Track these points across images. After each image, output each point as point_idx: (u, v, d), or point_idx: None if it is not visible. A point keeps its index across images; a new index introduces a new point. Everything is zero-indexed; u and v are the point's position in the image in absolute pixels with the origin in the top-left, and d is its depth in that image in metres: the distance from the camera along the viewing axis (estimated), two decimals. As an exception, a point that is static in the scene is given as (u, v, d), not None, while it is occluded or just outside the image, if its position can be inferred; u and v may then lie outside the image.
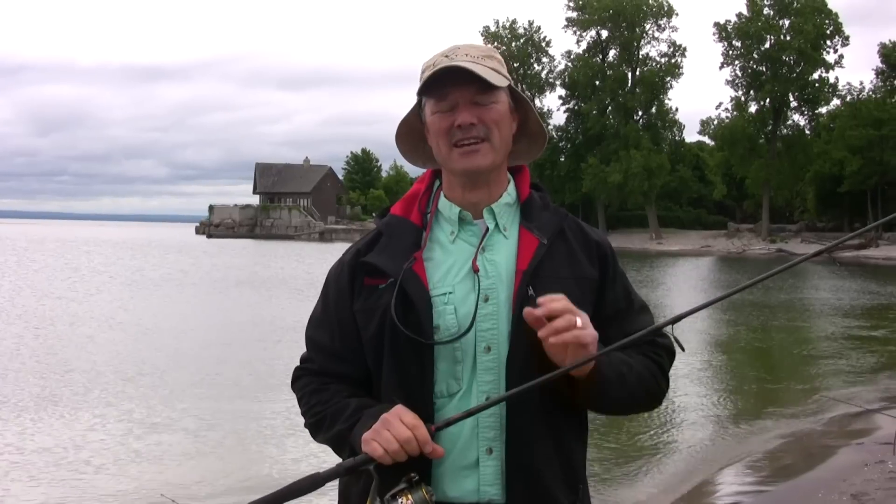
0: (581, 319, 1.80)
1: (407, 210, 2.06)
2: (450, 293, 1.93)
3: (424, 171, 2.16)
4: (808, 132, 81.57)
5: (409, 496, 1.75)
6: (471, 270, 1.94)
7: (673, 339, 1.95)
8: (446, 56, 1.98)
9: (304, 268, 41.02)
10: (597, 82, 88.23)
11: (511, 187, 2.06)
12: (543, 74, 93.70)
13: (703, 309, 1.93)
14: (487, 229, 1.99)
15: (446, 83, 1.94)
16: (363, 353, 1.99)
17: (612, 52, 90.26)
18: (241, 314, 22.27)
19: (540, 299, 1.80)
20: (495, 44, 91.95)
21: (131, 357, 14.81)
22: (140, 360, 14.55)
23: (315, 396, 2.02)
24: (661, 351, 2.04)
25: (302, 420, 2.10)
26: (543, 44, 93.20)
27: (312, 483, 1.79)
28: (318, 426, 2.00)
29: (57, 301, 23.71)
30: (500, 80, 1.97)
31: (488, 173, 1.99)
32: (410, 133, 2.10)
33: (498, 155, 1.98)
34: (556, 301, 1.79)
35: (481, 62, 1.96)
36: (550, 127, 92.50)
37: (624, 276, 2.09)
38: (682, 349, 1.94)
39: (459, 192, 2.02)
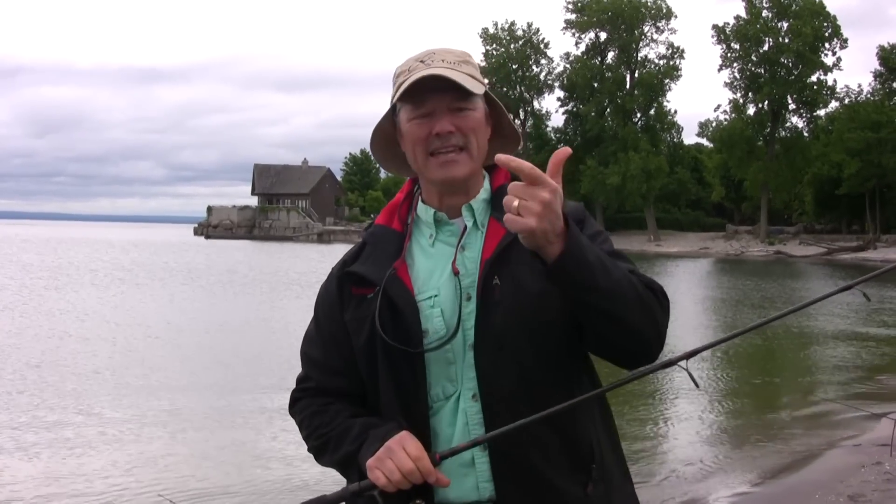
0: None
1: (389, 219, 2.06)
2: (435, 296, 1.93)
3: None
4: (806, 134, 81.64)
5: None
6: (452, 271, 1.93)
7: (687, 374, 1.87)
8: (422, 61, 1.95)
9: (303, 268, 41.02)
10: (595, 84, 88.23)
11: (486, 182, 2.05)
12: (542, 76, 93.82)
13: (721, 343, 1.85)
14: (465, 227, 1.98)
15: (424, 90, 1.91)
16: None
17: (610, 54, 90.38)
18: (240, 313, 22.27)
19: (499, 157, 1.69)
20: (494, 45, 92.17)
21: (126, 356, 14.79)
22: (135, 358, 14.53)
23: (317, 418, 2.01)
24: (642, 278, 1.88)
25: (297, 418, 2.10)
26: (542, 45, 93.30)
27: None
28: (323, 449, 2.00)
29: (51, 299, 23.69)
30: (478, 87, 1.95)
31: (466, 181, 1.98)
32: (386, 140, 2.08)
33: (476, 163, 1.97)
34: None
35: (458, 68, 1.94)
36: (549, 128, 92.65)
37: (600, 232, 1.98)
38: (697, 386, 1.91)
39: (437, 198, 2.01)
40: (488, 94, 2.01)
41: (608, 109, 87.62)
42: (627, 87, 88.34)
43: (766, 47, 79.74)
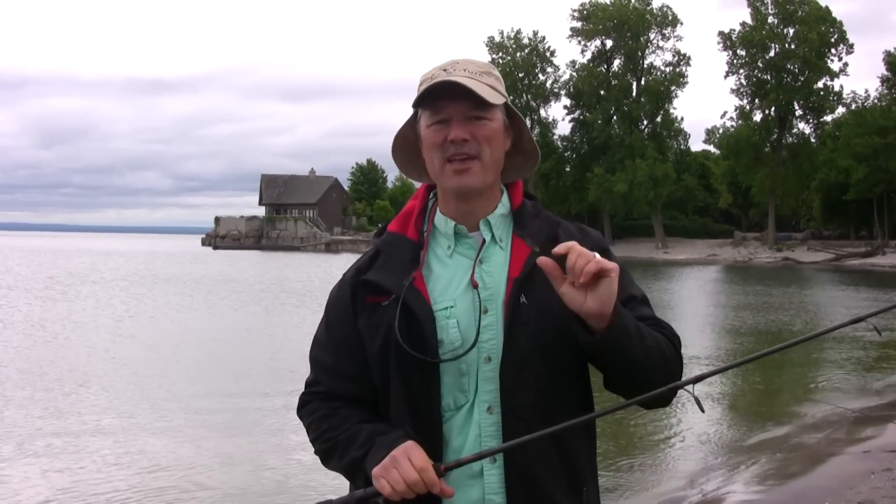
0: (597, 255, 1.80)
1: (403, 227, 2.07)
2: (451, 307, 1.95)
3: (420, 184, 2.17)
4: (813, 140, 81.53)
5: None
6: (470, 283, 1.95)
7: (694, 399, 1.90)
8: (444, 70, 1.99)
9: (310, 277, 41.06)
10: (602, 92, 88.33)
11: (505, 198, 2.07)
12: (548, 84, 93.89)
13: (730, 369, 1.90)
14: (484, 241, 2.00)
15: (442, 97, 1.95)
16: (369, 371, 2.00)
17: (616, 62, 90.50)
18: (242, 321, 22.33)
19: (554, 250, 1.82)
20: (500, 54, 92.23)
21: (129, 363, 14.82)
22: (137, 365, 14.58)
23: (325, 422, 2.02)
24: (666, 333, 2.01)
25: (301, 425, 2.12)
26: (548, 54, 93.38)
27: None
28: (330, 453, 2.01)
29: (56, 308, 23.75)
30: (496, 98, 1.98)
31: (480, 190, 2.00)
32: (406, 146, 2.11)
33: (489, 173, 1.99)
34: (568, 247, 1.81)
35: (478, 78, 1.97)
36: (555, 137, 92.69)
37: (623, 269, 2.02)
38: (703, 411, 1.90)
39: (453, 205, 2.03)
40: (510, 108, 2.04)
41: (615, 117, 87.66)
42: (634, 94, 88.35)
43: (772, 53, 79.69)
